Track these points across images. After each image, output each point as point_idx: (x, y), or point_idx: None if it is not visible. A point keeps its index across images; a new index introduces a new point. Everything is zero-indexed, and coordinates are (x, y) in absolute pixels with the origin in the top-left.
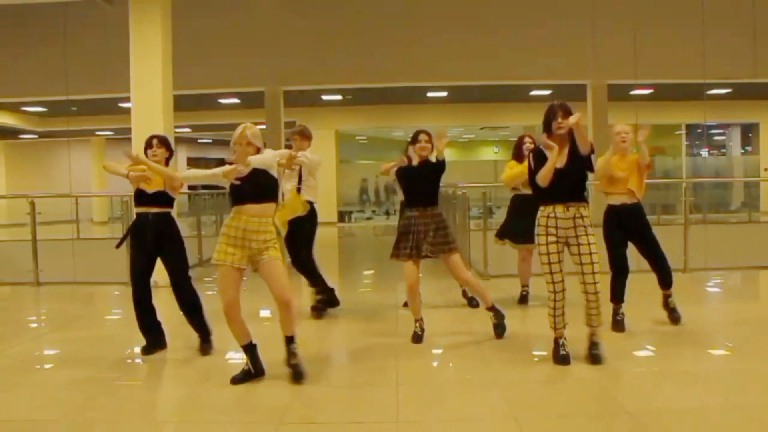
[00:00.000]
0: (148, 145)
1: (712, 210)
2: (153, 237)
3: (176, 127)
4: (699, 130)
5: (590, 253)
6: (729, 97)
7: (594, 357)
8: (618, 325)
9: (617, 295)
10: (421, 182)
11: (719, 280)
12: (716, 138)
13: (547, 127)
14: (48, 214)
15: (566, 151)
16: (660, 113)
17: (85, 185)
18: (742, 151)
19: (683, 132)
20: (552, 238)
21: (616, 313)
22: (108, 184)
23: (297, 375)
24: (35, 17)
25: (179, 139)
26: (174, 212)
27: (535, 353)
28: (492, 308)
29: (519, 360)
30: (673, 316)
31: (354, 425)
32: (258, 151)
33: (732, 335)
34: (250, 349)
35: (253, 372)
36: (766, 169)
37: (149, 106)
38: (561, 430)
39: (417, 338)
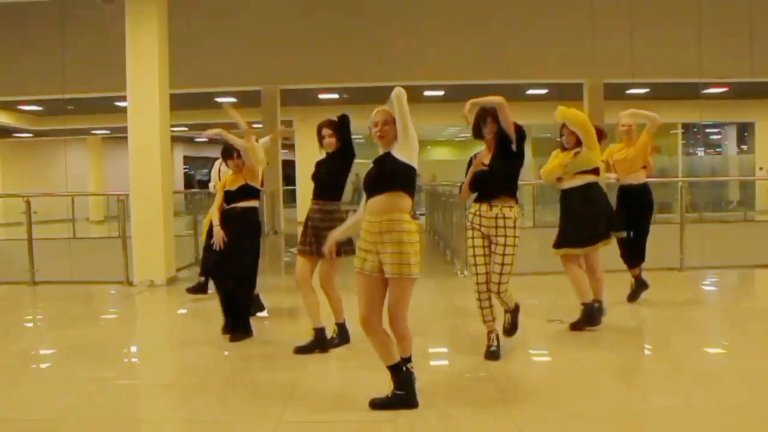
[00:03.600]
0: (229, 156)
1: (708, 209)
2: (237, 228)
3: (172, 126)
4: (695, 130)
5: (503, 255)
6: (725, 96)
7: (490, 354)
8: (632, 296)
9: (630, 260)
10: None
11: (715, 278)
12: (712, 137)
13: (477, 131)
14: (44, 213)
15: (492, 151)
16: (656, 112)
17: (82, 184)
18: (738, 150)
19: (679, 131)
20: (477, 233)
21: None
22: (104, 184)
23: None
24: (32, 16)
25: (175, 138)
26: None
27: (532, 352)
28: (341, 325)
29: (516, 358)
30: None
31: (352, 424)
32: (395, 135)
33: (728, 334)
34: (395, 371)
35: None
36: (761, 168)
37: (146, 105)
38: (558, 429)
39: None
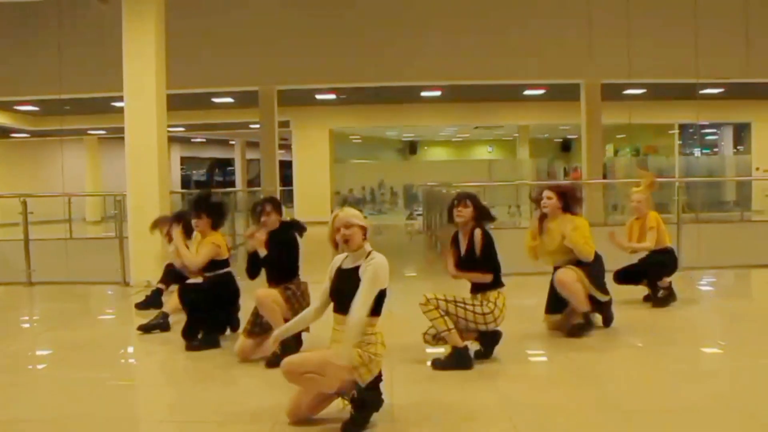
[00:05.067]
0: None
1: (705, 209)
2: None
3: (169, 126)
4: (692, 130)
5: (466, 310)
6: (722, 96)
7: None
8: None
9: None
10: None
11: (712, 278)
12: (709, 137)
13: (450, 215)
14: (40, 213)
15: (467, 240)
16: (653, 113)
17: (78, 184)
18: (735, 150)
19: (676, 131)
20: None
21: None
22: (101, 184)
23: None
24: (29, 16)
25: (172, 139)
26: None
27: (529, 352)
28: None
29: (514, 358)
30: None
31: None
32: (365, 231)
33: (725, 333)
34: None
35: None
36: (757, 169)
37: (143, 105)
38: (555, 429)
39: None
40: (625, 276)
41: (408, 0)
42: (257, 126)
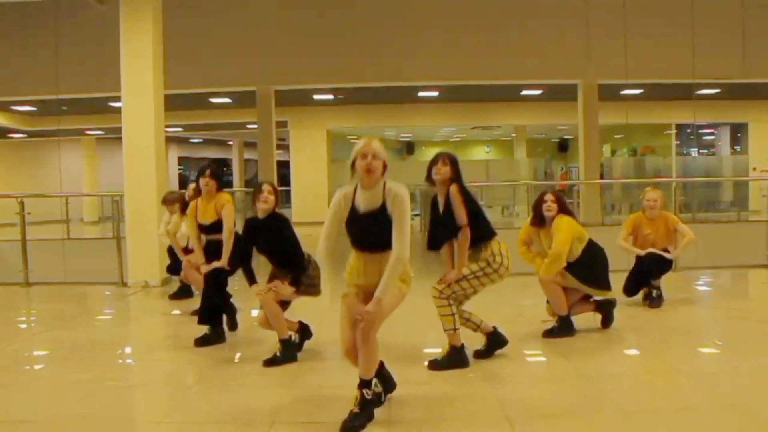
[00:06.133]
0: (201, 173)
1: (702, 209)
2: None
3: (167, 126)
4: (689, 130)
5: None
6: (718, 97)
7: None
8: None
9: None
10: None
11: (708, 278)
12: (706, 138)
13: (428, 174)
14: (38, 214)
15: (444, 199)
16: (650, 113)
17: (76, 185)
18: (732, 150)
19: (673, 132)
20: None
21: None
22: (98, 184)
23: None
24: (26, 16)
25: (170, 139)
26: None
27: (527, 352)
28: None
29: (511, 359)
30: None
31: None
32: (384, 166)
33: (722, 333)
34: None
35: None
36: (754, 169)
37: (140, 106)
38: (553, 429)
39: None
40: (633, 287)
41: (405, 1)
42: (255, 126)
